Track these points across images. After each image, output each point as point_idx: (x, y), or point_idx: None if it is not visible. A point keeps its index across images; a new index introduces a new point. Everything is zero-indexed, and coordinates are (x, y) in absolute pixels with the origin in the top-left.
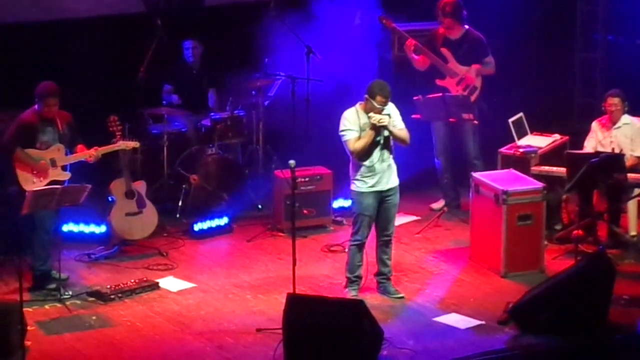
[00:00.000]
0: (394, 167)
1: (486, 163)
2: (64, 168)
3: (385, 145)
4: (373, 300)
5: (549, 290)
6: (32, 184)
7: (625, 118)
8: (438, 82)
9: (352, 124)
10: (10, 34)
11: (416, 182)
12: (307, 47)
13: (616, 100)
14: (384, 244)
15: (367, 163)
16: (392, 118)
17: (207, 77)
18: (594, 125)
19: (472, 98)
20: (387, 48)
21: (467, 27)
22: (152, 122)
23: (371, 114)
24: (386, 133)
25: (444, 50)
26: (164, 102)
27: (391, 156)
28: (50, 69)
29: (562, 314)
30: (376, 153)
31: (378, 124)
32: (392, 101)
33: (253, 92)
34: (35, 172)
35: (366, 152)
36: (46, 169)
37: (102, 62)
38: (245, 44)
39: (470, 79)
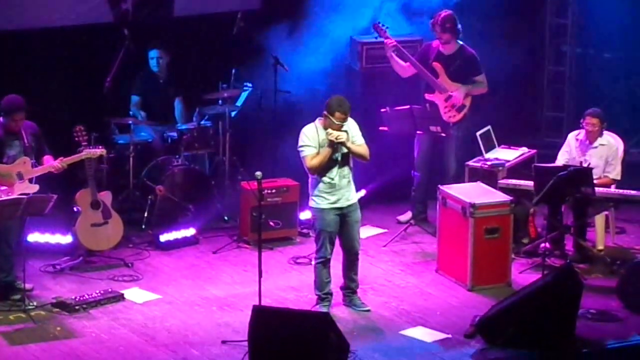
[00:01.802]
0: (353, 183)
1: (461, 179)
2: (30, 180)
3: (344, 162)
4: (339, 313)
5: (515, 304)
6: None
7: (603, 138)
8: (427, 96)
9: (311, 140)
10: None
11: (384, 194)
12: (274, 58)
13: (595, 120)
14: (351, 262)
15: (326, 179)
16: (352, 134)
17: (173, 87)
18: (570, 138)
19: (460, 116)
20: (356, 59)
21: (461, 43)
22: (119, 132)
23: (329, 131)
24: (344, 150)
25: (436, 65)
26: (131, 113)
27: (351, 172)
28: (16, 79)
29: (528, 328)
30: (335, 169)
31: (336, 141)
32: (357, 114)
33: (220, 103)
34: (1, 186)
35: (323, 169)
36: (12, 183)
37: (69, 71)
38: (213, 54)
39: (458, 98)
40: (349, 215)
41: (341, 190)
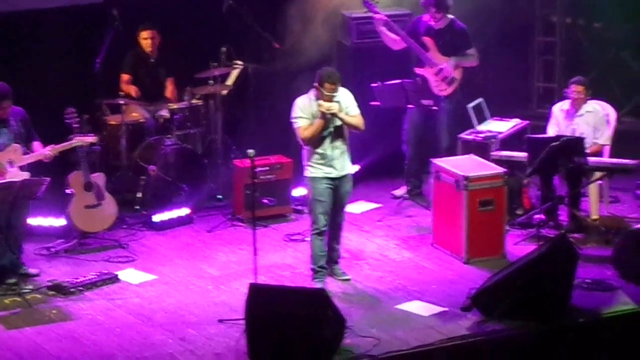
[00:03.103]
0: (347, 154)
1: (453, 152)
2: (22, 168)
3: (337, 133)
4: (335, 288)
5: (511, 276)
6: None
7: (589, 105)
8: (417, 70)
9: (304, 112)
10: None
11: (378, 169)
12: (265, 35)
13: (580, 88)
14: (333, 229)
15: (318, 150)
16: (345, 105)
17: (164, 67)
18: (555, 110)
19: (451, 89)
20: (346, 35)
21: (451, 17)
22: (110, 113)
23: (320, 102)
24: (337, 121)
25: (427, 39)
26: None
27: (344, 143)
28: (4, 62)
29: (525, 299)
30: (328, 140)
31: (327, 112)
32: (350, 88)
33: (211, 82)
34: None
35: (316, 140)
36: (4, 171)
37: (58, 53)
38: (203, 33)
39: (449, 70)
40: (340, 186)
41: (333, 161)
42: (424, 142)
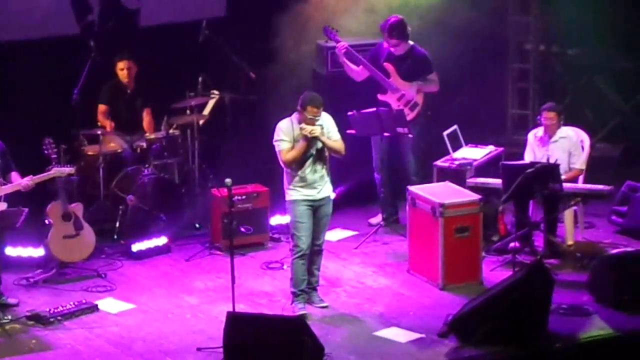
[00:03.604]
0: (327, 178)
1: (422, 177)
2: None
3: (319, 156)
4: (313, 315)
5: (488, 302)
6: None
7: (562, 131)
8: (379, 96)
9: (286, 135)
10: None
11: (354, 197)
12: (241, 64)
13: (552, 114)
14: (313, 254)
15: (299, 173)
16: (327, 129)
17: (141, 97)
18: (530, 137)
19: (413, 114)
20: (322, 64)
21: (411, 43)
22: (87, 144)
23: (302, 125)
24: (319, 144)
25: (387, 65)
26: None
27: (325, 167)
28: None
29: (501, 325)
30: (308, 163)
31: (310, 135)
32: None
33: (188, 112)
34: None
35: (298, 163)
36: None
37: (36, 84)
38: (179, 63)
39: (411, 95)
40: (320, 209)
41: (314, 184)
42: (393, 169)
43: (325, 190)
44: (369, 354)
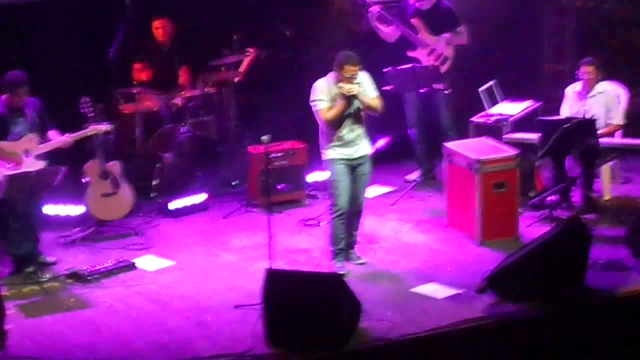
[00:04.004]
0: (364, 137)
1: (459, 132)
2: (37, 157)
3: (356, 115)
4: (351, 272)
5: (525, 257)
6: None
7: (600, 86)
8: (409, 53)
9: (323, 94)
10: None
11: (391, 153)
12: (276, 21)
13: (590, 68)
14: (352, 215)
15: (336, 133)
16: (364, 87)
17: (177, 55)
18: (568, 92)
19: (444, 68)
20: (357, 20)
21: None
22: (124, 102)
23: (340, 84)
24: (357, 103)
25: (415, 21)
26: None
27: (362, 126)
28: (18, 53)
29: (539, 280)
30: (346, 123)
31: (347, 94)
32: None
33: (223, 69)
34: (8, 165)
35: (337, 122)
36: (20, 161)
37: (72, 43)
38: (215, 20)
39: (441, 48)
40: (358, 168)
41: (351, 143)
42: (428, 124)
43: (362, 149)
44: (407, 310)
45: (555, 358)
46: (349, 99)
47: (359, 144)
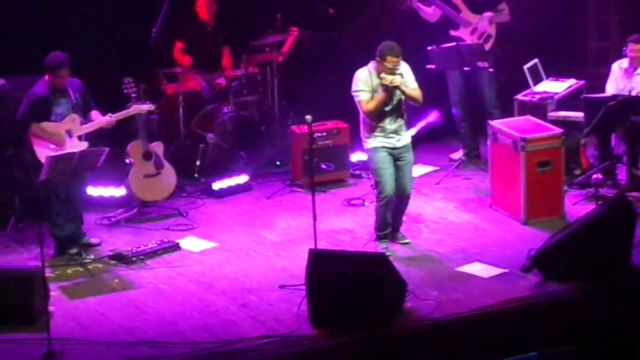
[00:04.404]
0: (405, 127)
1: (502, 110)
2: (80, 138)
3: (398, 106)
4: (396, 251)
5: (571, 236)
6: None
7: None
8: (452, 32)
9: (365, 85)
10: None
11: (435, 132)
12: (318, 1)
13: (638, 46)
14: (400, 202)
15: (378, 124)
16: (405, 78)
17: (220, 35)
18: (614, 68)
19: (487, 46)
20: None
21: None
22: (167, 82)
23: (383, 75)
24: (399, 93)
25: (456, 0)
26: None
27: (403, 116)
28: (61, 33)
29: (585, 259)
30: (387, 113)
31: (390, 85)
32: (406, 52)
33: (267, 49)
34: (52, 146)
35: (379, 113)
36: (63, 142)
37: (115, 23)
38: (258, 0)
39: (483, 27)
40: (402, 156)
41: (393, 134)
42: (471, 103)
43: (404, 138)
44: (452, 289)
45: (600, 336)
46: (391, 89)
47: (401, 134)
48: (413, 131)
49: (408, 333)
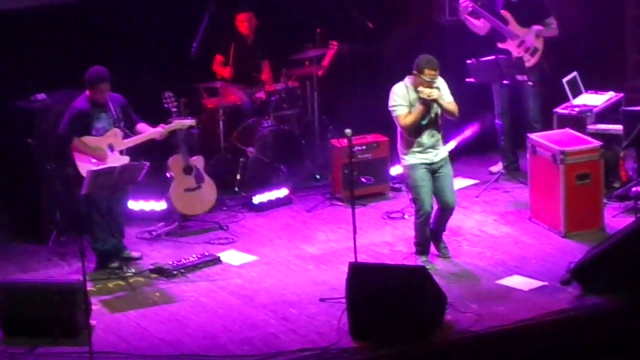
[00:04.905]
0: (442, 141)
1: (544, 124)
2: (121, 152)
3: (435, 120)
4: (436, 264)
5: (611, 249)
6: None
7: None
8: (499, 44)
9: (402, 99)
10: (62, 14)
11: (475, 145)
12: (357, 16)
13: None
14: (443, 216)
15: (415, 139)
16: (441, 92)
17: (260, 49)
18: None
19: (534, 60)
20: (440, 12)
21: None
22: (207, 97)
23: (420, 88)
24: (436, 107)
25: (504, 12)
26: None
27: (440, 131)
28: (100, 49)
29: (625, 272)
30: (424, 128)
31: (428, 98)
32: (445, 66)
33: (306, 63)
34: (93, 160)
35: (416, 127)
36: (104, 156)
37: (154, 38)
38: (298, 15)
39: (530, 40)
40: (440, 170)
41: (431, 149)
42: (514, 116)
43: (441, 152)
44: (491, 302)
45: None
46: (428, 103)
47: (438, 149)
48: (452, 144)
49: (447, 346)
